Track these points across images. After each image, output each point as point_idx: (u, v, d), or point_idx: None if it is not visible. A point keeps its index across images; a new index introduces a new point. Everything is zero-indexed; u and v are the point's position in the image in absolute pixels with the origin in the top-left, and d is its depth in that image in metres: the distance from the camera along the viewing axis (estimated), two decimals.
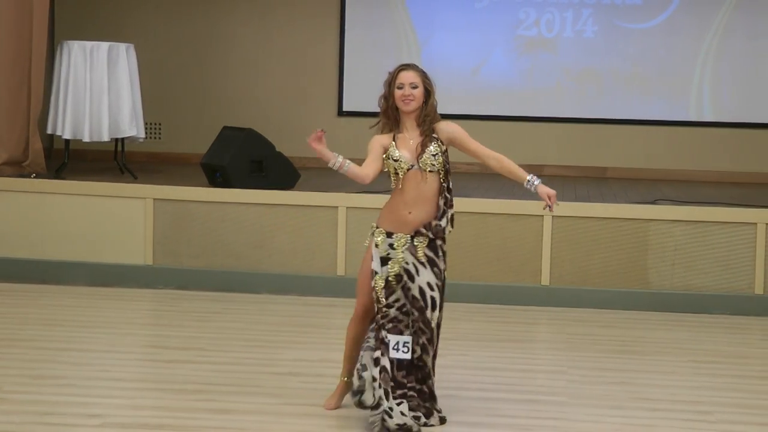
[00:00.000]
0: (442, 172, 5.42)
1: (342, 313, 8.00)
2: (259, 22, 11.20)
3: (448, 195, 5.46)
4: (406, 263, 5.39)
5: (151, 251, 8.59)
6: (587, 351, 7.04)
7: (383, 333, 5.36)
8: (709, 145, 10.82)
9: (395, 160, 5.40)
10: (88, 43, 9.29)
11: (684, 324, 7.84)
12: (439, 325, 5.48)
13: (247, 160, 8.83)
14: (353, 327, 5.59)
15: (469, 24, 11.00)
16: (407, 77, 5.41)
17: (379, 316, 5.40)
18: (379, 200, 8.48)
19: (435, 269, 5.42)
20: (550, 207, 5.41)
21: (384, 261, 5.40)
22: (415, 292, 5.39)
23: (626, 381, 6.37)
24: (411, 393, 5.41)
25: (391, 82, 5.44)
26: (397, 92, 5.41)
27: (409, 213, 5.40)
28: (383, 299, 5.38)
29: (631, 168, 10.82)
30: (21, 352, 6.62)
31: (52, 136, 9.91)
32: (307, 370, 6.39)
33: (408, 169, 5.39)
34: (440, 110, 5.51)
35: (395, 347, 5.34)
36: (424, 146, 5.39)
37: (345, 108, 11.10)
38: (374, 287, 5.40)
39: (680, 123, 10.85)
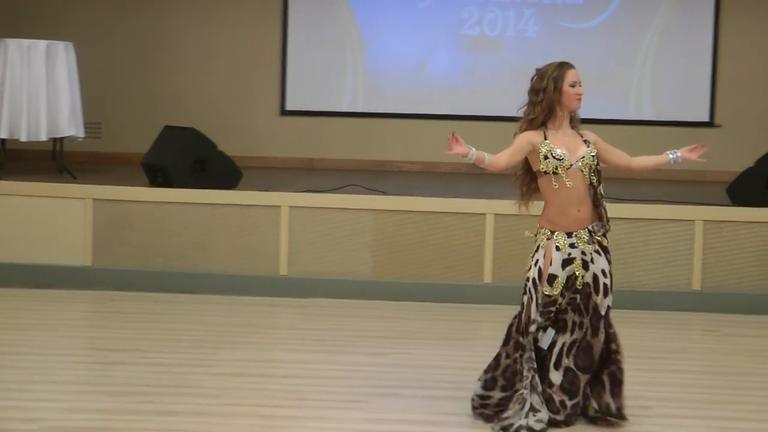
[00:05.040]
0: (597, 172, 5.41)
1: (284, 313, 8.00)
2: (202, 21, 11.12)
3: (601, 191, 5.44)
4: (584, 254, 5.36)
5: (91, 252, 8.50)
6: None
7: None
8: (649, 143, 10.84)
9: (558, 159, 5.32)
10: (26, 41, 9.18)
11: (624, 320, 7.82)
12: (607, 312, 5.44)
13: (189, 159, 8.77)
14: None
15: (413, 23, 11.00)
16: (577, 75, 5.41)
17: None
18: (322, 199, 8.52)
19: (608, 256, 5.43)
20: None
21: (566, 263, 5.36)
22: (588, 279, 5.36)
23: None
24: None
25: (557, 78, 5.39)
26: (570, 90, 5.36)
27: (578, 211, 5.38)
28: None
29: None
30: None
31: None
32: (248, 370, 6.35)
33: (568, 168, 5.32)
34: (384, 109, 5.47)
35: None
36: (579, 146, 5.37)
37: (287, 107, 11.04)
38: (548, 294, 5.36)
39: (620, 121, 10.92)
